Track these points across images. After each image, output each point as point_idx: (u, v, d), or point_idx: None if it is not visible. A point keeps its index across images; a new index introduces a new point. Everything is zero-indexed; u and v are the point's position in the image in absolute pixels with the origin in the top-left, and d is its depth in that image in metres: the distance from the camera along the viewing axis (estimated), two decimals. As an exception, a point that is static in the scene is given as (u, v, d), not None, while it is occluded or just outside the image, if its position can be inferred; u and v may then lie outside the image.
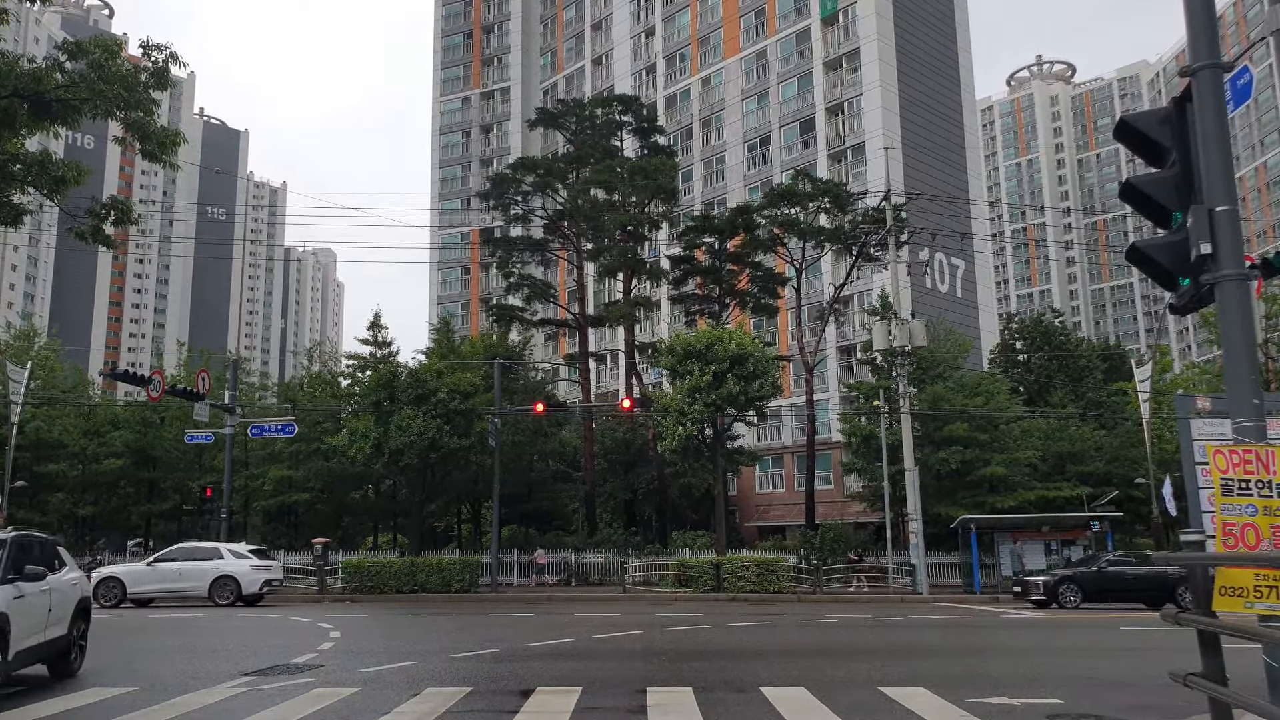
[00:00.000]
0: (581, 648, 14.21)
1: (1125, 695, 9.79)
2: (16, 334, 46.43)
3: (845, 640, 16.25)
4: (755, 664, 12.71)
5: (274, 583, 26.14)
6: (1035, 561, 30.93)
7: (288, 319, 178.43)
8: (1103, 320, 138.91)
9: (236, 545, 27.07)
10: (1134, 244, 5.14)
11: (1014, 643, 16.19)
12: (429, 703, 8.93)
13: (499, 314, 45.03)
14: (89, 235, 12.21)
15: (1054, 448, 40.32)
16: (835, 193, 39.90)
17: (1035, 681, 10.64)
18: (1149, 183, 5.05)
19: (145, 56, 10.65)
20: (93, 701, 9.17)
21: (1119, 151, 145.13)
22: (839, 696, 9.35)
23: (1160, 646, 15.48)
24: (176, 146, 11.27)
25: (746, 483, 55.73)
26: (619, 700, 9.34)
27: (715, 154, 66.07)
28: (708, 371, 31.99)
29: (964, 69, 65.19)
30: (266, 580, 25.58)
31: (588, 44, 76.99)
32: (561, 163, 43.11)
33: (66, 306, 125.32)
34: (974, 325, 58.42)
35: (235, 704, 9.04)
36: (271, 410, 44.76)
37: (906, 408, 31.11)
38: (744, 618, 20.28)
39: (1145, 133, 5.03)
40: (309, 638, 15.59)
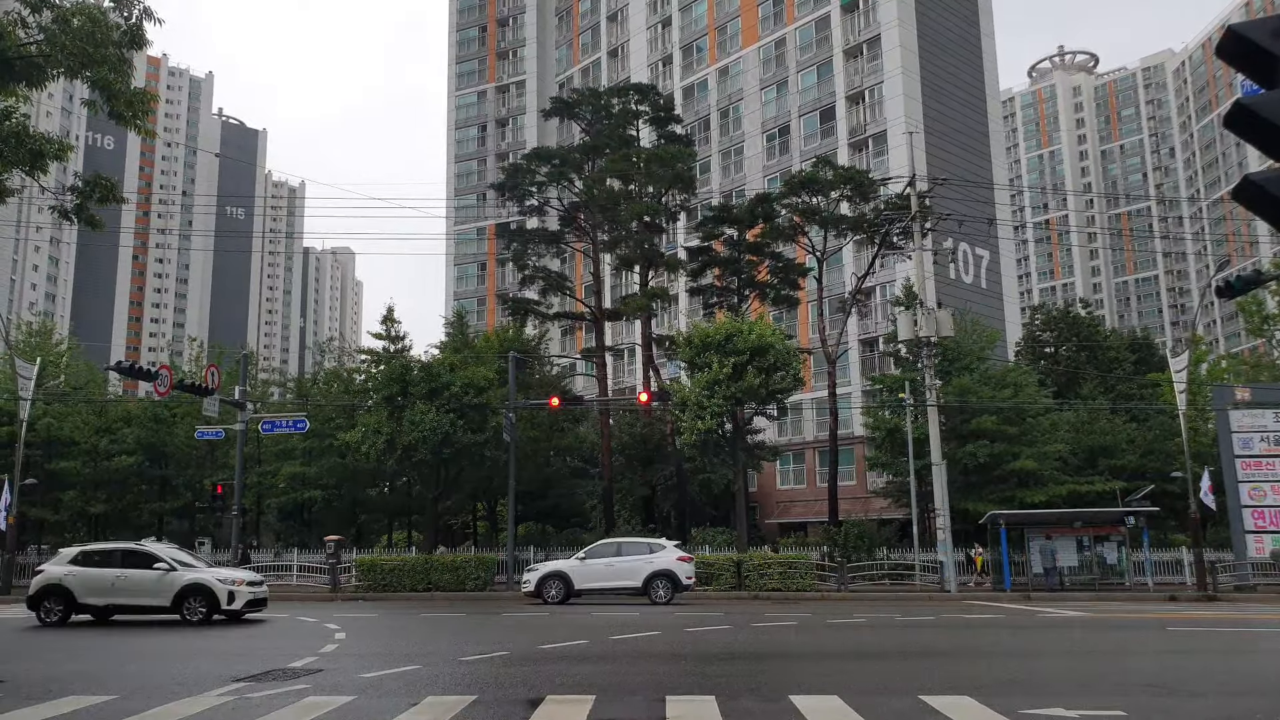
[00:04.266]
0: (597, 650, 13.44)
1: (1195, 705, 8.89)
2: (30, 331, 46.26)
3: (876, 642, 15.41)
4: (782, 668, 11.89)
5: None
6: (1068, 559, 29.97)
7: (307, 317, 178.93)
8: (1127, 313, 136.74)
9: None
10: (1247, 177, 4.31)
11: (1057, 644, 15.28)
12: (428, 715, 8.18)
13: (514, 307, 44.36)
14: (74, 214, 11.53)
15: (1085, 441, 39.24)
16: (857, 180, 38.95)
17: (1089, 688, 9.76)
18: (1266, 103, 4.22)
19: (117, 10, 9.96)
20: (66, 712, 8.47)
21: (1143, 142, 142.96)
22: (877, 706, 8.54)
23: (1212, 648, 14.57)
24: (147, 108, 10.57)
25: (767, 479, 54.83)
26: (635, 711, 8.55)
27: (734, 145, 65.16)
28: (727, 364, 31.19)
29: (987, 55, 63.92)
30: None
31: (603, 36, 76.22)
32: (577, 153, 42.38)
33: (87, 306, 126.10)
34: (999, 317, 57.23)
35: (217, 715, 8.32)
36: (286, 406, 44.32)
37: (933, 400, 30.15)
38: (767, 617, 19.47)
39: (1259, 44, 4.21)
40: (312, 639, 14.93)
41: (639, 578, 23.98)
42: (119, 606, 18.42)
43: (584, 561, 24.66)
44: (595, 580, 24.24)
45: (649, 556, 24.35)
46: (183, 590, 18.22)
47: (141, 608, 18.45)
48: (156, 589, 18.31)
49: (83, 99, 12.29)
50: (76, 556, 18.92)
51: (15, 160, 10.23)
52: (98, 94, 10.34)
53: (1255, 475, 30.60)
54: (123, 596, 18.34)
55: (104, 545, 21.06)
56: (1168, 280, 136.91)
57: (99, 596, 18.26)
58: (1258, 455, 30.71)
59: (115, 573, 18.44)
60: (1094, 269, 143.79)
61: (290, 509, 42.20)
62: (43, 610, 18.12)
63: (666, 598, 23.61)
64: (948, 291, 51.07)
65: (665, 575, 23.92)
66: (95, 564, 18.66)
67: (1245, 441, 30.88)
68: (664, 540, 26.34)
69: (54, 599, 18.15)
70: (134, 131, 11.09)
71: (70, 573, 18.34)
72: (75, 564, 18.59)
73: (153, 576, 18.43)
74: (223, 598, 18.21)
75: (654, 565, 24.03)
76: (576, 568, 24.49)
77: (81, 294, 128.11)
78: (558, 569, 24.75)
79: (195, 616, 18.12)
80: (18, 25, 9.78)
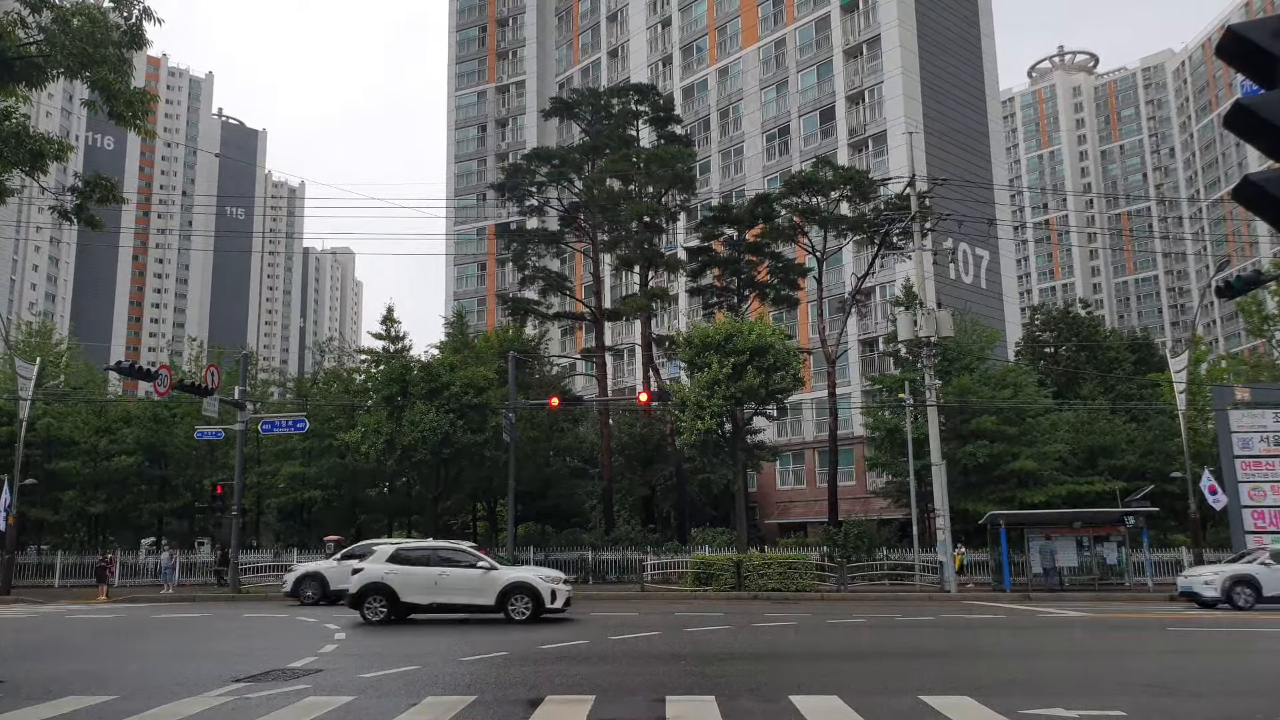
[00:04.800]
0: (597, 650, 13.44)
1: (1195, 705, 8.90)
2: (30, 331, 46.20)
3: (876, 642, 15.41)
4: (782, 668, 11.89)
5: None
6: (1068, 559, 29.97)
7: (307, 317, 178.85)
8: (1127, 313, 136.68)
9: None
10: (1247, 177, 4.30)
11: (1057, 644, 15.28)
12: (427, 715, 8.18)
13: (514, 307, 44.33)
14: (73, 214, 11.53)
15: (1084, 441, 39.21)
16: (857, 180, 38.93)
17: (1089, 688, 9.76)
18: (1265, 104, 4.22)
19: (117, 10, 9.93)
20: (66, 712, 8.48)
21: (1143, 142, 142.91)
22: (876, 706, 8.54)
23: (1212, 648, 14.57)
24: (146, 108, 10.55)
25: (767, 479, 54.81)
26: (635, 711, 8.56)
27: (733, 145, 65.14)
28: (726, 363, 31.17)
29: (986, 55, 63.89)
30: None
31: (603, 36, 76.20)
32: (577, 153, 42.35)
33: (87, 306, 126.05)
34: (998, 317, 57.21)
35: (216, 716, 8.32)
36: (286, 406, 44.29)
37: (932, 400, 30.14)
38: (767, 617, 19.46)
39: (1259, 44, 4.20)
40: (313, 639, 14.93)
41: None
42: (443, 605, 18.18)
43: None
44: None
45: None
46: (506, 589, 17.99)
47: (464, 606, 18.23)
48: (480, 588, 18.07)
49: (83, 99, 12.25)
50: (393, 554, 18.66)
51: (15, 160, 10.21)
52: (97, 94, 10.31)
53: (1255, 475, 30.59)
54: (445, 595, 18.11)
55: (418, 543, 21.00)
56: (1168, 280, 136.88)
57: (422, 595, 18.06)
58: (1257, 455, 30.69)
59: (436, 571, 18.25)
60: (1094, 269, 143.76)
61: (290, 509, 42.14)
62: (367, 609, 17.95)
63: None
64: (948, 291, 51.08)
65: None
66: (413, 562, 18.43)
67: (1245, 441, 30.87)
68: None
69: (377, 597, 17.97)
70: (134, 131, 11.08)
71: (391, 571, 18.13)
72: (393, 562, 18.34)
73: (475, 575, 18.24)
74: (547, 597, 17.95)
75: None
76: None
77: (81, 294, 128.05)
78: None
79: (521, 616, 17.78)
80: (17, 25, 9.76)
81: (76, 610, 23.88)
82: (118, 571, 33.55)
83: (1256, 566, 23.75)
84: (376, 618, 17.85)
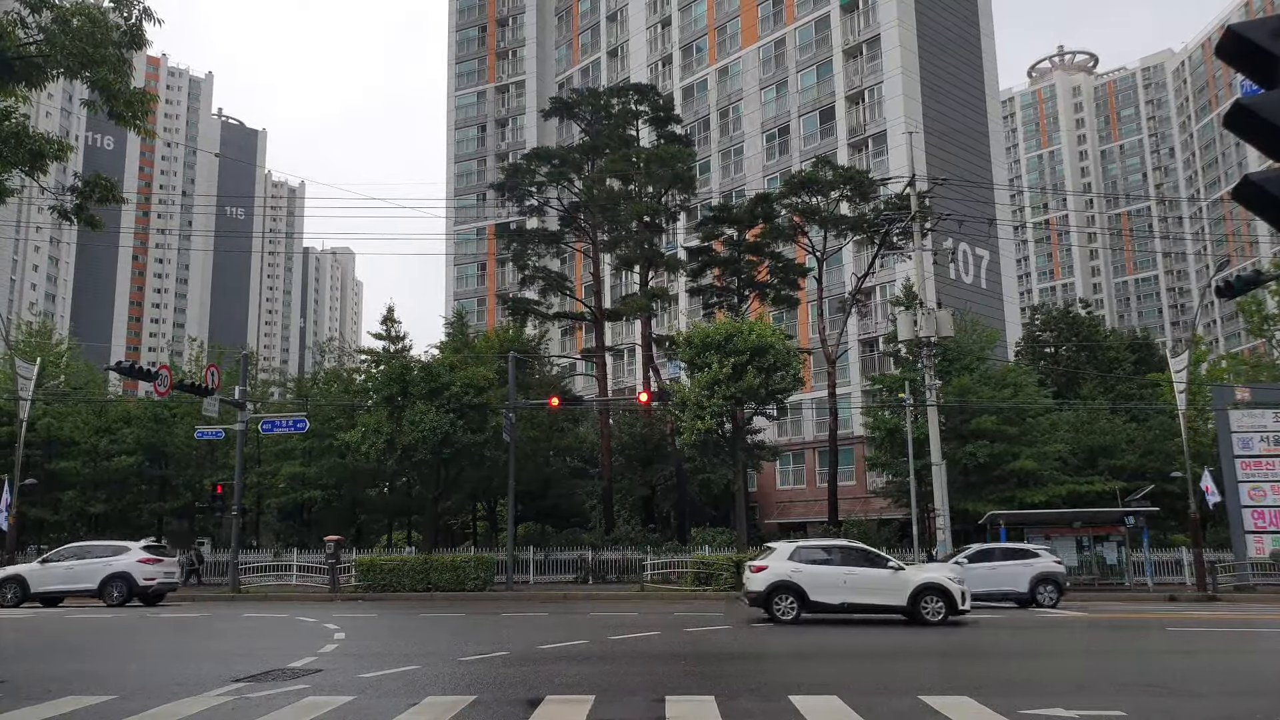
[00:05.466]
0: (597, 650, 13.44)
1: (1195, 705, 8.90)
2: (30, 331, 46.22)
3: (876, 642, 15.40)
4: (782, 668, 11.90)
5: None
6: (1067, 559, 29.94)
7: (307, 317, 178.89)
8: (1127, 313, 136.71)
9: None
10: (1247, 177, 4.30)
11: (1056, 644, 15.28)
12: (427, 715, 8.18)
13: (514, 307, 44.34)
14: (73, 214, 11.53)
15: (1084, 441, 39.21)
16: (857, 180, 38.95)
17: (1089, 688, 9.76)
18: (1265, 103, 4.21)
19: (117, 10, 9.93)
20: (65, 712, 8.47)
21: (1143, 142, 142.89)
22: (876, 706, 8.54)
23: (1212, 648, 14.57)
24: (146, 108, 10.54)
25: (767, 479, 54.81)
26: (635, 711, 8.56)
27: (733, 145, 65.14)
28: (727, 364, 31.18)
29: (986, 55, 63.90)
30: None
31: (603, 36, 76.19)
32: (577, 153, 42.36)
33: (87, 307, 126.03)
34: (998, 317, 57.21)
35: (216, 715, 8.31)
36: (286, 406, 44.29)
37: (932, 400, 30.13)
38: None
39: (1259, 44, 4.19)
40: (312, 639, 14.92)
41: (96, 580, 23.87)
42: (852, 605, 18.04)
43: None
44: None
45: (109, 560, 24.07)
46: (918, 590, 17.78)
47: (874, 607, 18.08)
48: (891, 588, 17.93)
49: (82, 99, 12.25)
50: (794, 553, 18.55)
51: (15, 160, 10.20)
52: (97, 94, 10.31)
53: (1255, 475, 30.61)
54: (855, 595, 17.98)
55: (816, 542, 20.90)
56: (1168, 280, 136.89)
57: (831, 594, 17.95)
58: (1257, 455, 30.71)
59: (844, 570, 18.14)
60: (1094, 269, 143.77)
61: (290, 509, 42.15)
62: (776, 608, 17.88)
63: None
64: (948, 291, 51.08)
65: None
66: (815, 561, 18.32)
67: (1245, 441, 30.89)
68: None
69: (786, 596, 17.90)
70: (134, 132, 11.07)
71: (798, 570, 18.06)
72: (795, 561, 18.25)
73: (885, 575, 18.08)
74: (959, 598, 17.80)
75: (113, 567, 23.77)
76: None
77: (81, 294, 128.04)
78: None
79: (935, 617, 17.63)
80: (17, 25, 9.76)
81: (76, 610, 23.88)
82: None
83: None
84: (787, 616, 17.73)
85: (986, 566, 23.94)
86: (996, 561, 24.22)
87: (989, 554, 24.89)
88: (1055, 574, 23.90)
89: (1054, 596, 23.50)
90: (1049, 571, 23.90)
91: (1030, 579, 23.63)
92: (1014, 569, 23.92)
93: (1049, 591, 23.55)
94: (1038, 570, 23.80)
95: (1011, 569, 23.93)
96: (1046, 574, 23.76)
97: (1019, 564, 24.05)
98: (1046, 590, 23.56)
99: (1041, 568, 23.95)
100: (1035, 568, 23.90)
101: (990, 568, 23.93)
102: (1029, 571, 23.76)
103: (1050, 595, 23.49)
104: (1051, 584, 23.67)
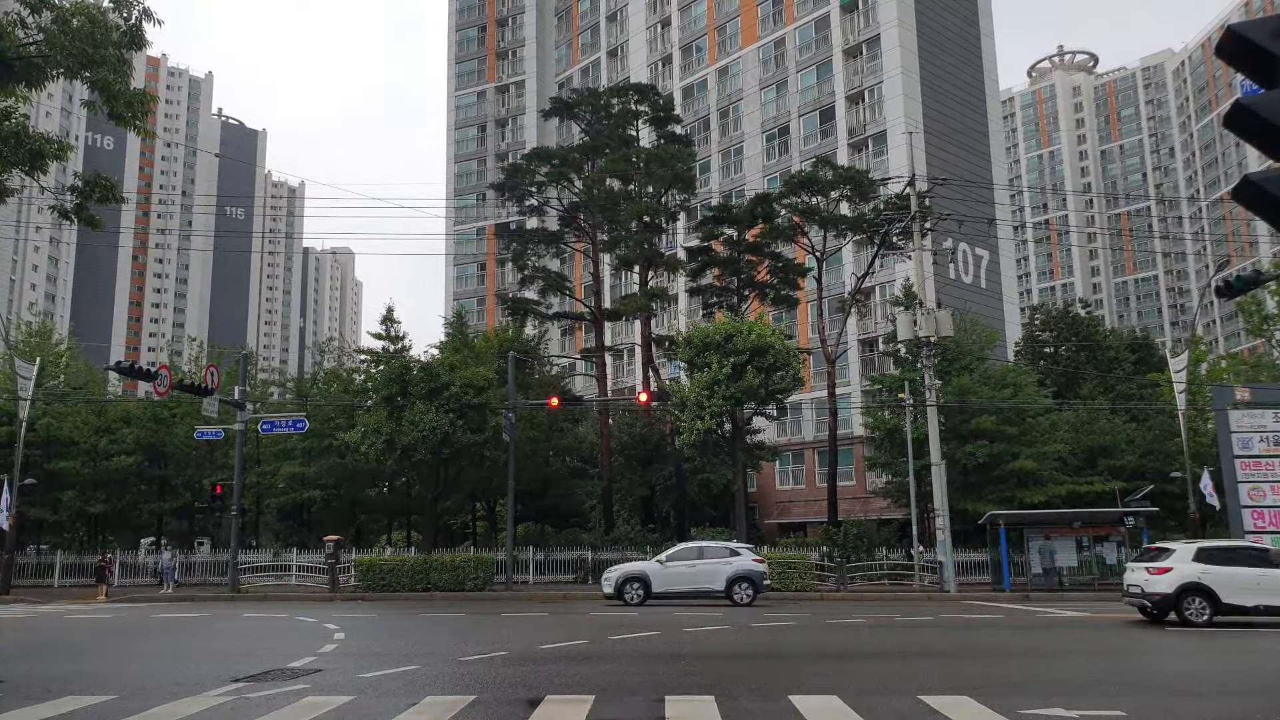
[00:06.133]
0: (596, 650, 13.44)
1: (1195, 705, 8.89)
2: (30, 331, 46.16)
3: (876, 642, 15.41)
4: (782, 668, 11.90)
5: None
6: (1067, 559, 29.96)
7: (307, 317, 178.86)
8: (1127, 313, 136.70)
9: None
10: (1247, 177, 4.29)
11: (1056, 644, 15.28)
12: (427, 715, 8.18)
13: (514, 307, 44.31)
14: (73, 214, 11.52)
15: (1084, 441, 39.17)
16: (857, 180, 38.93)
17: (1089, 688, 9.76)
18: (1265, 103, 4.21)
19: (117, 10, 9.91)
20: (65, 712, 8.47)
21: (1142, 142, 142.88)
22: (876, 706, 8.54)
23: (1211, 649, 14.57)
24: (146, 108, 10.53)
25: (766, 479, 54.80)
26: (635, 711, 8.56)
27: (733, 145, 65.12)
28: (726, 364, 31.17)
29: (986, 55, 63.89)
30: None
31: (603, 36, 76.18)
32: (577, 153, 42.33)
33: (87, 307, 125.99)
34: (998, 317, 57.21)
35: (216, 715, 8.31)
36: (285, 406, 44.26)
37: (932, 400, 30.14)
38: (766, 617, 19.48)
39: (1259, 43, 4.19)
40: (312, 639, 14.93)
41: None
42: (1269, 608, 17.82)
43: None
44: None
45: None
46: None
47: None
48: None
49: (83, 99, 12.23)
50: (1198, 553, 18.43)
51: (15, 160, 10.19)
52: (97, 94, 10.30)
53: (1255, 475, 30.53)
54: (1268, 597, 17.78)
55: (1224, 543, 20.82)
56: (1167, 280, 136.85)
57: (1245, 597, 17.81)
58: (1257, 455, 30.64)
59: (1258, 572, 18.06)
60: (1094, 269, 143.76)
61: (289, 509, 42.11)
62: (1186, 610, 17.80)
63: None
64: (947, 291, 51.09)
65: None
66: (1223, 562, 18.23)
67: (1245, 442, 30.81)
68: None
69: (1196, 599, 17.79)
70: (133, 132, 11.06)
71: (1206, 571, 18.02)
72: (1201, 562, 18.14)
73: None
74: None
75: None
76: None
77: (81, 294, 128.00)
78: None
79: None
80: (17, 25, 9.74)
81: (76, 610, 23.88)
82: (117, 571, 33.57)
83: (650, 564, 25.42)
84: (1200, 619, 17.64)
85: (685, 565, 24.65)
86: (699, 561, 24.95)
87: (692, 553, 25.65)
88: (751, 573, 24.52)
89: (749, 594, 24.12)
90: (745, 570, 24.51)
91: (727, 577, 24.31)
92: (713, 567, 24.62)
93: (745, 589, 24.17)
94: (735, 569, 24.45)
95: (710, 567, 24.63)
96: (742, 573, 24.41)
97: (718, 563, 24.73)
98: (743, 588, 24.18)
99: (739, 566, 24.56)
100: (733, 566, 24.56)
101: (689, 566, 24.66)
102: (727, 570, 24.44)
103: (746, 593, 24.11)
104: (747, 582, 24.31)
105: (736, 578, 24.15)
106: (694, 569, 24.50)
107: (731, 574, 24.23)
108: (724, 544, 26.52)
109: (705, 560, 24.72)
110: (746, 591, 24.04)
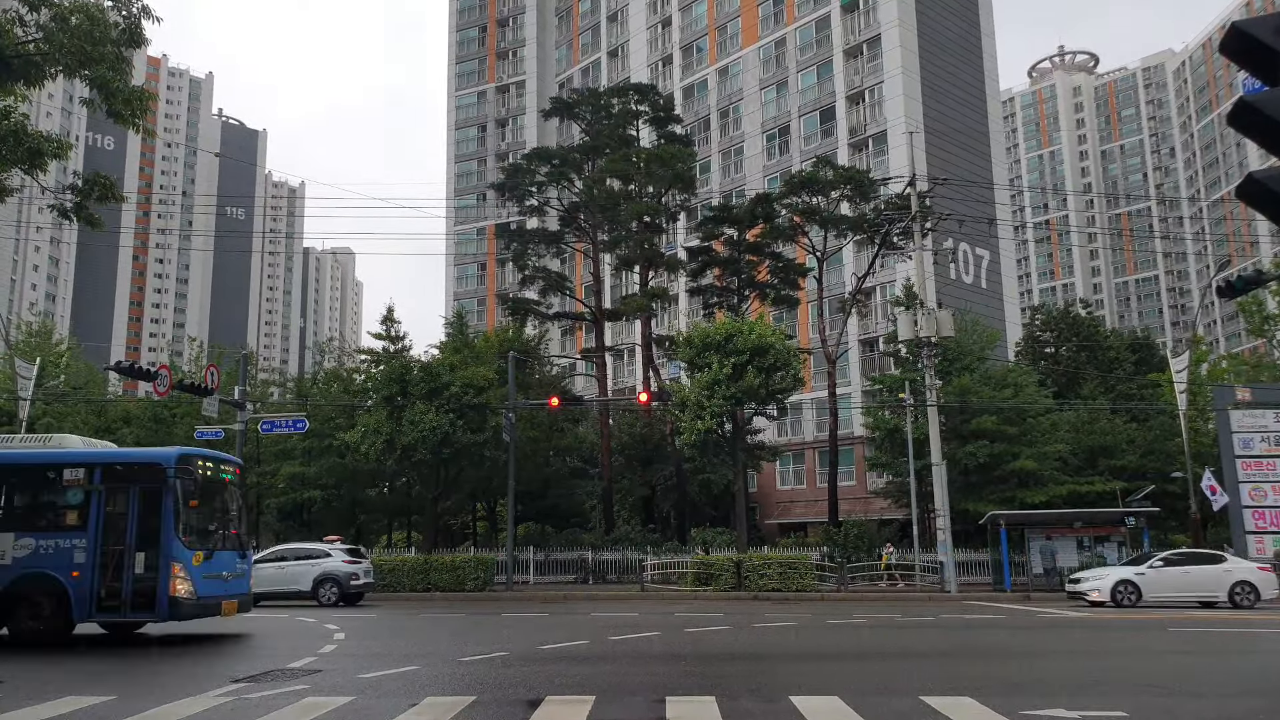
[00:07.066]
0: (597, 651, 13.42)
1: (1195, 705, 8.87)
2: (30, 331, 46.17)
3: (877, 642, 15.38)
4: (782, 669, 11.87)
5: None
6: (1068, 559, 29.92)
7: (307, 317, 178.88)
8: (1127, 313, 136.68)
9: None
10: (1251, 175, 4.28)
11: (1057, 644, 15.25)
12: (427, 715, 8.15)
13: (514, 307, 44.32)
14: (73, 213, 11.51)
15: (1085, 441, 39.18)
16: (858, 180, 38.93)
17: (1091, 689, 9.73)
18: (1268, 100, 4.19)
19: (115, 9, 9.92)
20: (65, 712, 8.45)
21: (1143, 142, 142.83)
22: (877, 707, 8.51)
23: (1212, 648, 14.55)
24: (145, 107, 10.52)
25: (767, 479, 54.79)
26: (635, 711, 8.53)
27: (733, 145, 65.12)
28: (727, 364, 31.15)
29: (987, 55, 63.89)
30: None
31: (603, 36, 76.18)
32: (577, 153, 42.35)
33: (87, 307, 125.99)
34: (999, 317, 57.20)
35: (216, 716, 8.29)
36: (285, 406, 44.26)
37: (933, 400, 30.12)
38: (767, 617, 19.44)
39: (1262, 40, 4.17)
40: (312, 640, 14.90)
41: None
42: None
43: None
44: None
45: None
46: None
47: None
48: None
49: (82, 98, 12.28)
50: None
51: (14, 159, 10.17)
52: (96, 93, 10.30)
53: (1256, 475, 30.54)
54: None
55: None
56: (1168, 280, 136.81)
57: None
58: (1258, 455, 30.65)
59: None
60: (1094, 269, 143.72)
61: (290, 509, 42.11)
62: None
63: None
64: (948, 291, 51.09)
65: None
66: None
67: (1246, 442, 30.82)
68: None
69: None
70: (132, 130, 11.05)
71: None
72: None
73: None
74: None
75: None
76: None
77: (81, 294, 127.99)
78: None
79: None
80: (16, 23, 9.73)
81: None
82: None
83: None
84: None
85: (275, 566, 24.99)
86: (287, 562, 25.30)
87: (281, 555, 26.04)
88: (337, 573, 24.89)
89: (334, 595, 24.48)
90: (330, 571, 24.88)
91: (313, 579, 24.70)
92: (301, 569, 24.99)
93: (329, 590, 24.53)
94: (322, 570, 24.85)
95: (298, 569, 25.00)
96: (328, 574, 24.79)
97: (307, 564, 25.11)
98: (327, 588, 24.55)
99: (326, 568, 24.95)
100: (321, 567, 24.94)
101: (279, 568, 24.99)
102: (314, 571, 24.85)
103: (331, 594, 24.48)
104: (332, 582, 24.67)
105: (323, 579, 24.66)
106: (282, 570, 24.93)
107: (319, 575, 24.73)
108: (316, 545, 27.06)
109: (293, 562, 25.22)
110: (332, 591, 24.54)
